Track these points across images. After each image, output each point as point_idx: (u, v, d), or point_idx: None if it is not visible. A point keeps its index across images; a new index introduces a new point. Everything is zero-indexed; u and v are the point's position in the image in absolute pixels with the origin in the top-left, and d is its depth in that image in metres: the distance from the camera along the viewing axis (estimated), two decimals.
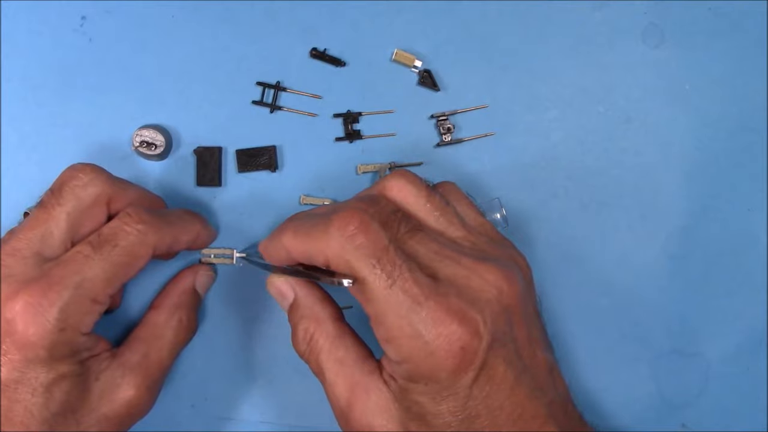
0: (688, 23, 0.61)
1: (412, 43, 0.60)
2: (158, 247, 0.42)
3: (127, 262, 0.41)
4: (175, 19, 0.60)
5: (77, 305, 0.38)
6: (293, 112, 0.60)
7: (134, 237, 0.41)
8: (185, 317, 0.48)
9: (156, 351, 0.45)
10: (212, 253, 0.52)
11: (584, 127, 0.61)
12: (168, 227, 0.44)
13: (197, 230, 0.48)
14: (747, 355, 0.60)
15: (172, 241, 0.44)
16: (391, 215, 0.40)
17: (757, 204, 0.61)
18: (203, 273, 0.51)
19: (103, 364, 0.42)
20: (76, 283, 0.38)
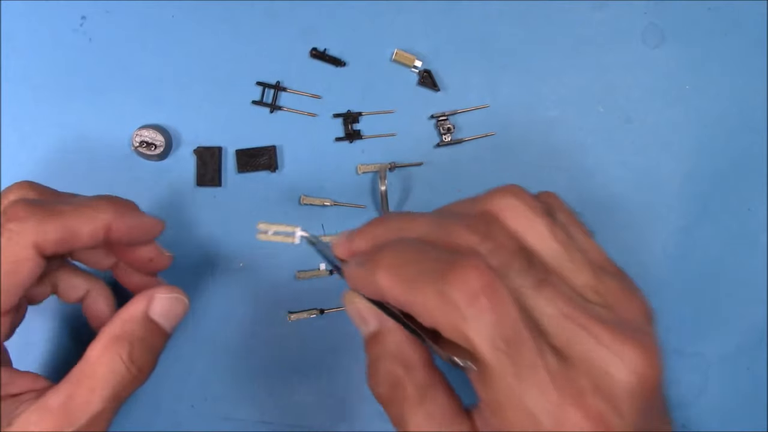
0: (688, 23, 0.61)
1: (412, 43, 0.60)
2: (42, 245, 0.35)
3: (7, 270, 0.34)
4: (175, 19, 0.60)
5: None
6: (293, 112, 0.60)
7: (5, 238, 0.34)
8: (127, 354, 0.37)
9: (83, 393, 0.36)
10: (270, 229, 0.46)
11: (584, 127, 0.61)
12: (54, 218, 0.35)
13: (104, 219, 0.37)
14: (747, 355, 0.60)
15: (63, 235, 0.36)
16: (514, 258, 0.32)
17: (757, 204, 0.61)
18: (162, 297, 0.40)
19: (21, 407, 0.35)
20: None
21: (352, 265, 0.36)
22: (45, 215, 0.35)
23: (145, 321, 0.39)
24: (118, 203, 0.40)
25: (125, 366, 0.37)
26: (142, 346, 0.38)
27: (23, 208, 0.35)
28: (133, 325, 0.38)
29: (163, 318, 0.40)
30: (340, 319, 0.59)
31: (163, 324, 0.40)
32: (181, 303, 0.41)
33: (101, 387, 0.36)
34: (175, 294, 0.41)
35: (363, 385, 0.63)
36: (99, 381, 0.36)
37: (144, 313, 0.39)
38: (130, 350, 0.37)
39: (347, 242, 0.37)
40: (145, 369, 0.39)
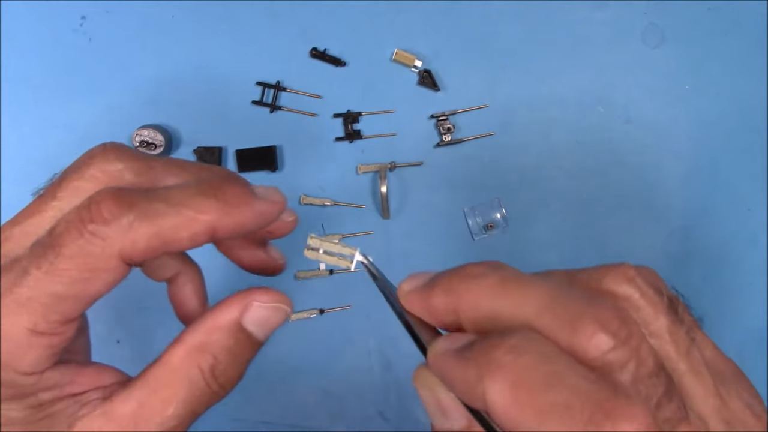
0: (688, 23, 0.61)
1: (412, 43, 0.60)
2: (129, 254, 0.28)
3: (79, 278, 0.28)
4: (175, 19, 0.60)
5: (10, 332, 0.28)
6: (293, 112, 0.60)
7: (87, 243, 0.27)
8: (209, 368, 0.31)
9: (156, 404, 0.31)
10: (321, 246, 0.33)
11: (584, 127, 0.61)
12: (148, 222, 0.28)
13: (206, 222, 0.29)
14: (747, 355, 0.60)
15: (156, 243, 0.29)
16: (658, 386, 0.25)
17: (757, 204, 0.61)
18: (260, 305, 0.32)
19: (84, 409, 0.30)
20: (6, 307, 0.28)
21: (445, 350, 0.27)
22: (137, 218, 0.28)
23: (237, 331, 0.32)
24: (227, 197, 0.30)
25: (206, 382, 0.31)
26: (228, 360, 0.32)
27: (112, 204, 0.28)
28: (221, 336, 0.32)
29: (259, 328, 0.32)
30: (340, 318, 0.59)
31: (257, 335, 0.32)
32: (283, 312, 0.33)
33: (177, 400, 0.31)
34: (278, 302, 0.32)
35: (363, 385, 0.63)
36: (175, 394, 0.31)
37: (236, 322, 0.32)
38: (213, 364, 0.31)
39: (422, 294, 0.29)
40: (227, 386, 0.33)
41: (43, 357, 0.29)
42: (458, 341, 0.26)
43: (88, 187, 0.31)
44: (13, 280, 0.28)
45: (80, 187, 0.31)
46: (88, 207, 0.28)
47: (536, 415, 0.23)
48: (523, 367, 0.23)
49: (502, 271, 0.26)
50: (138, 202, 0.28)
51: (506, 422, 0.24)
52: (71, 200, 0.30)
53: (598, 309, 0.25)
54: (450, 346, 0.26)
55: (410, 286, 0.30)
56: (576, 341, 0.24)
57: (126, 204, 0.28)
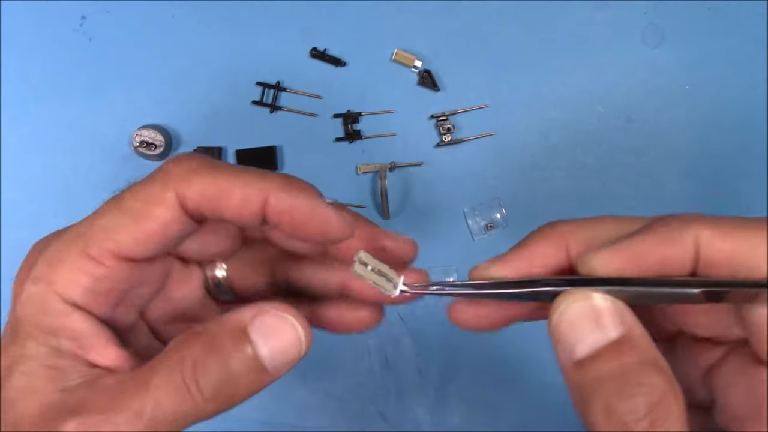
0: (688, 23, 0.61)
1: (412, 43, 0.60)
2: (184, 195, 0.28)
3: (137, 210, 0.28)
4: (175, 18, 0.60)
5: (63, 253, 0.28)
6: (293, 112, 0.60)
7: (153, 177, 0.28)
8: (196, 383, 0.27)
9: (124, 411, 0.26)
10: (371, 264, 0.29)
11: (584, 127, 0.61)
12: (205, 171, 0.28)
13: (261, 187, 0.28)
14: None
15: (208, 190, 0.28)
16: None
17: (757, 204, 0.61)
18: (275, 315, 0.28)
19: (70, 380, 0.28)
20: (76, 229, 0.28)
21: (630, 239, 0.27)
22: (200, 166, 0.28)
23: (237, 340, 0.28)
24: (291, 180, 0.30)
25: (191, 396, 0.27)
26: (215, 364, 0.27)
27: (185, 156, 0.29)
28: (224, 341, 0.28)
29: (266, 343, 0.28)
30: None
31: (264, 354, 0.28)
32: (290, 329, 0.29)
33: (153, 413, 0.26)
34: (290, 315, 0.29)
35: (363, 385, 0.63)
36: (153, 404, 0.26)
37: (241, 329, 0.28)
38: (202, 378, 0.27)
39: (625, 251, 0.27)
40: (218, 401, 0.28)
41: (81, 283, 0.28)
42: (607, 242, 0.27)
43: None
44: (95, 212, 0.29)
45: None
46: (170, 159, 0.29)
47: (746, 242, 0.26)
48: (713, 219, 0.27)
49: None
50: (205, 158, 0.29)
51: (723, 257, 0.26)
52: None
53: None
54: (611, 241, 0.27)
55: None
56: None
57: (195, 156, 0.29)
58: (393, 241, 0.33)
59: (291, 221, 0.29)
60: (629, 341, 0.26)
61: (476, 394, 0.60)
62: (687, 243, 0.26)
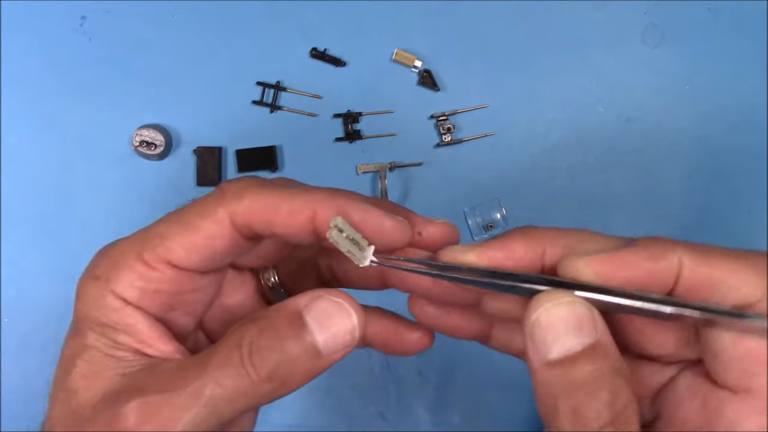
0: (688, 23, 0.61)
1: (412, 43, 0.60)
2: (234, 212, 0.29)
3: (190, 221, 0.29)
4: (175, 19, 0.60)
5: (121, 254, 0.29)
6: (293, 112, 0.60)
7: (211, 194, 0.30)
8: (253, 363, 0.27)
9: (183, 391, 0.27)
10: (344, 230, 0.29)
11: (584, 127, 0.61)
12: (254, 189, 0.29)
13: (307, 199, 0.29)
14: None
15: (256, 206, 0.29)
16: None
17: (757, 204, 0.61)
18: (329, 300, 0.29)
19: (128, 367, 0.29)
20: (137, 234, 0.30)
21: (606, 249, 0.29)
22: (252, 184, 0.30)
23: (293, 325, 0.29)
24: (337, 190, 0.30)
25: (243, 363, 0.28)
26: (270, 342, 0.28)
27: (242, 177, 0.31)
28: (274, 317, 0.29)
29: (318, 324, 0.29)
30: None
31: (322, 344, 0.28)
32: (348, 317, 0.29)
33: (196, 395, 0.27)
34: (348, 301, 0.29)
35: (363, 385, 0.63)
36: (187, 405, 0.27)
37: (297, 313, 0.29)
38: (249, 351, 0.28)
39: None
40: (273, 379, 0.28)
41: (135, 285, 0.30)
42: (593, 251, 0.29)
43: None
44: (155, 222, 0.30)
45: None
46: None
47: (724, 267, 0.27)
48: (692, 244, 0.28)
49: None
50: (259, 178, 0.31)
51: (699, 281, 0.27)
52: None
53: None
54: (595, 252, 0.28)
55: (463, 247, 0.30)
56: None
57: (251, 177, 0.31)
58: (433, 227, 0.33)
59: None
60: (602, 348, 0.27)
61: (476, 394, 0.60)
62: (673, 262, 0.28)
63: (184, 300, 0.32)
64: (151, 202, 0.59)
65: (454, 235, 0.33)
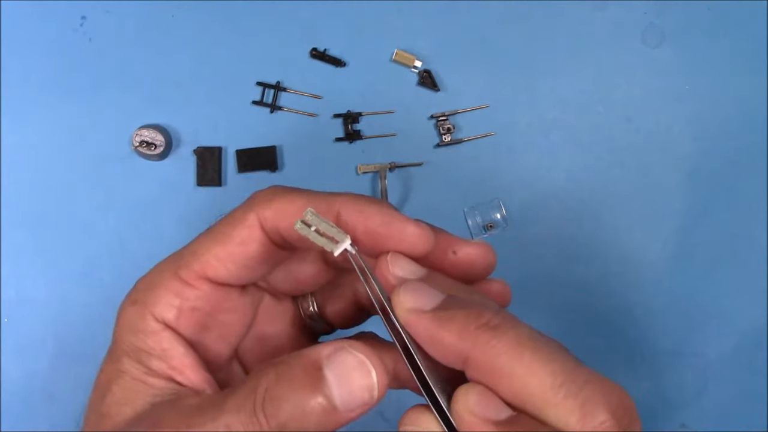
0: (688, 23, 0.61)
1: (412, 43, 0.60)
2: (263, 219, 0.30)
3: (222, 232, 0.30)
4: (175, 19, 0.60)
5: (158, 276, 0.30)
6: (293, 112, 0.60)
7: (241, 204, 0.30)
8: (265, 413, 0.26)
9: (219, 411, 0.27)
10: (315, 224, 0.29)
11: (584, 127, 0.61)
12: (281, 194, 0.30)
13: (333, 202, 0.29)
14: (747, 355, 0.60)
15: (283, 212, 0.30)
16: None
17: (757, 204, 0.61)
18: (350, 354, 0.27)
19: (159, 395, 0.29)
20: (173, 255, 0.30)
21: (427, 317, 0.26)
22: (277, 190, 0.31)
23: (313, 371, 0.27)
24: (361, 195, 0.30)
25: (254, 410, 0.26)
26: (285, 390, 0.27)
27: (272, 185, 0.32)
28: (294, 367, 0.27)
29: (335, 378, 0.27)
30: None
31: (337, 399, 0.27)
32: (367, 374, 0.27)
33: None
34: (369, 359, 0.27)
35: None
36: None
37: (316, 365, 0.27)
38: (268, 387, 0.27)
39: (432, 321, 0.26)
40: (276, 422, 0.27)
41: (173, 303, 0.30)
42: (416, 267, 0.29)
43: None
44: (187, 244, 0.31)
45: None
46: None
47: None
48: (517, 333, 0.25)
49: (517, 329, 0.26)
50: (287, 187, 0.31)
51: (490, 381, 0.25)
52: None
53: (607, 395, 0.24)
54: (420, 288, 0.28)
55: (413, 302, 0.27)
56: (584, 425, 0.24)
57: (280, 185, 0.32)
58: (469, 247, 0.33)
59: (366, 234, 0.29)
60: None
61: None
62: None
63: (220, 321, 0.31)
64: (151, 202, 0.59)
65: (491, 259, 0.32)
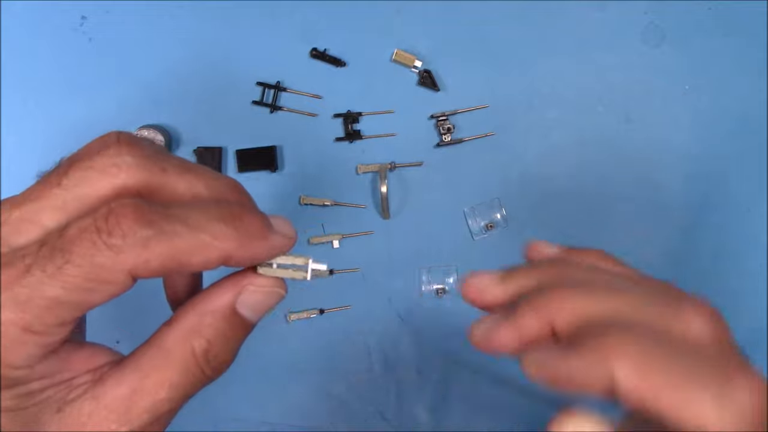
0: (688, 23, 0.61)
1: (412, 43, 0.60)
2: (139, 272, 0.28)
3: (83, 287, 0.27)
4: (175, 18, 0.60)
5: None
6: (293, 112, 0.60)
7: (99, 254, 0.26)
8: (203, 349, 0.31)
9: (148, 387, 0.30)
10: (274, 262, 0.33)
11: (584, 127, 0.61)
12: (164, 243, 0.27)
13: (222, 250, 0.29)
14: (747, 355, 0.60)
15: (168, 265, 0.28)
16: None
17: (757, 204, 0.61)
18: (254, 289, 0.32)
19: (73, 392, 0.29)
20: (3, 303, 0.27)
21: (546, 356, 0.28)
22: (154, 237, 0.27)
23: (230, 315, 0.32)
24: (245, 227, 0.30)
25: (199, 365, 0.31)
26: (221, 343, 0.32)
27: (132, 219, 0.27)
28: (214, 319, 0.31)
29: (252, 312, 0.32)
30: (340, 318, 0.59)
31: (251, 318, 0.32)
32: (277, 296, 0.32)
33: (170, 384, 0.30)
34: (273, 287, 0.32)
35: (363, 385, 0.63)
36: (168, 377, 0.30)
37: (230, 306, 0.32)
38: (207, 348, 0.31)
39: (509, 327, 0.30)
40: (220, 369, 0.32)
41: (36, 354, 0.28)
42: (549, 347, 0.29)
43: (96, 179, 0.30)
44: (14, 277, 0.26)
45: (88, 177, 0.29)
46: (106, 218, 0.27)
47: (666, 383, 0.26)
48: (641, 340, 0.27)
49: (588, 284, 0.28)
50: (158, 220, 0.27)
51: (635, 400, 0.26)
52: (76, 190, 0.29)
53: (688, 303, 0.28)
54: (548, 351, 0.29)
55: (484, 328, 0.30)
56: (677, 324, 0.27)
57: (146, 221, 0.27)
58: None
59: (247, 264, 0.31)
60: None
61: (476, 394, 0.60)
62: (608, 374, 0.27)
63: None
64: None
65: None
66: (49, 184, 0.29)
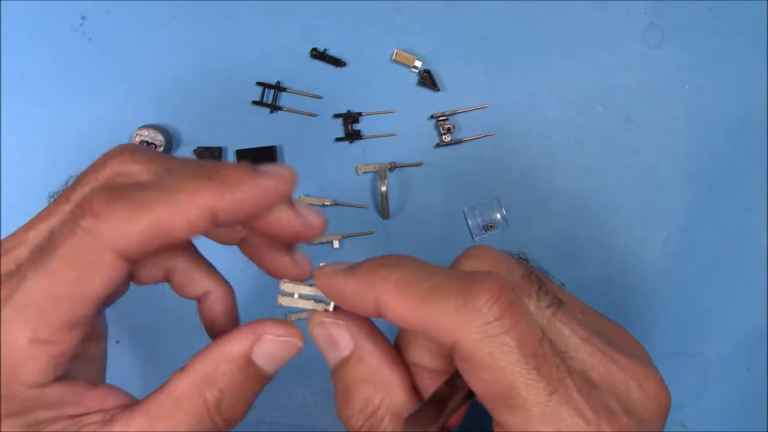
0: (688, 23, 0.61)
1: (412, 43, 0.60)
2: (125, 248, 0.26)
3: (75, 277, 0.26)
4: (175, 19, 0.60)
5: (7, 347, 0.26)
6: (293, 112, 0.60)
7: (78, 239, 0.26)
8: (215, 399, 0.30)
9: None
10: (296, 292, 0.33)
11: (584, 127, 0.61)
12: (138, 212, 0.26)
13: (202, 206, 0.27)
14: (747, 355, 0.60)
15: (151, 234, 0.26)
16: (526, 282, 0.31)
17: (757, 204, 0.61)
18: (272, 339, 0.31)
19: (82, 430, 0.28)
20: (5, 315, 0.26)
21: (337, 274, 0.31)
22: (127, 209, 0.26)
23: (246, 364, 0.31)
24: (222, 176, 0.28)
25: (210, 415, 0.30)
26: (235, 394, 0.31)
27: (101, 200, 0.26)
28: (229, 368, 0.30)
29: (269, 362, 0.32)
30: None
31: (267, 369, 0.32)
32: (295, 348, 0.32)
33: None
34: (290, 337, 0.32)
35: None
36: (177, 424, 0.29)
37: (246, 355, 0.31)
38: (219, 397, 0.30)
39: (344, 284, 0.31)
40: (232, 421, 0.31)
41: (46, 368, 0.27)
42: (348, 267, 0.31)
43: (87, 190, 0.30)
44: (13, 287, 0.26)
45: None
46: (81, 205, 0.26)
47: (417, 301, 0.28)
48: (406, 270, 0.29)
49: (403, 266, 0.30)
50: (129, 194, 0.26)
51: (396, 318, 0.29)
52: None
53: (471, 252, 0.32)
54: (339, 269, 0.31)
55: (340, 275, 0.32)
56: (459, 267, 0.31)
57: (117, 197, 0.26)
58: None
59: (243, 216, 0.30)
60: (355, 359, 0.32)
61: None
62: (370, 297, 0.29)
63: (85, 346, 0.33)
64: None
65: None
66: (59, 203, 0.30)
